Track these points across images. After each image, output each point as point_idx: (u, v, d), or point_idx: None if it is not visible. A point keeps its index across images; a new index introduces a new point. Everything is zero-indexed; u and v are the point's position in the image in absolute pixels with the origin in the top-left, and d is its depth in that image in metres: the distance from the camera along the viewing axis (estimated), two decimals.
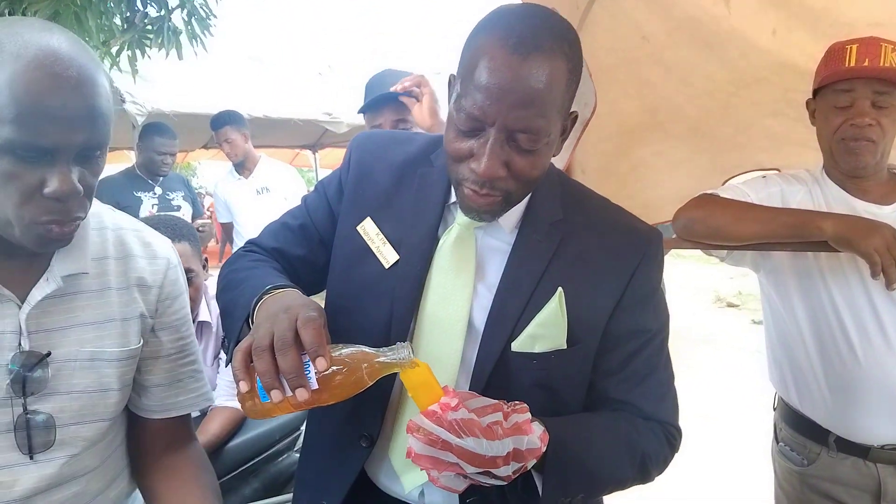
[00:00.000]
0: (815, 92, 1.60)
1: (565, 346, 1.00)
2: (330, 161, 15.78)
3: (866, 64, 1.47)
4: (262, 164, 4.01)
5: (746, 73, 1.88)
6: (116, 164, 10.29)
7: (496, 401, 0.89)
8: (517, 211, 1.04)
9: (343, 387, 0.85)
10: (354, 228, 1.11)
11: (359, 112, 2.06)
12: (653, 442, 1.05)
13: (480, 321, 1.02)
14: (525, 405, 0.91)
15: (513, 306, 1.01)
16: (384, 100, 1.97)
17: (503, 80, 0.86)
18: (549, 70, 0.87)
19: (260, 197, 3.96)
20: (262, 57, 9.08)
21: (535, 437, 0.87)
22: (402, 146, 1.16)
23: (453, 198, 1.05)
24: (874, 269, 1.38)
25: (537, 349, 1.00)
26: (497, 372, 1.00)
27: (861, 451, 1.55)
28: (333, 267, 1.14)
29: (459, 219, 1.05)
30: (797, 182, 1.63)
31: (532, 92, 0.86)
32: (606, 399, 1.07)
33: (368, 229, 1.09)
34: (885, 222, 1.43)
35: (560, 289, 0.99)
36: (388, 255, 1.07)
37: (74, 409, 1.02)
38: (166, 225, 1.82)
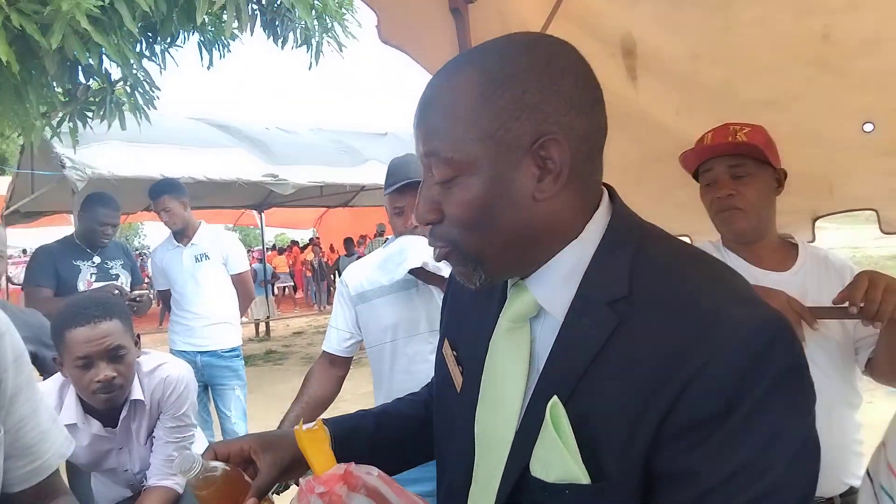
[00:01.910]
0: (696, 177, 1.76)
1: (585, 482, 0.70)
2: (276, 220, 15.72)
3: (715, 142, 1.65)
4: (201, 230, 4.01)
5: (655, 149, 2.04)
6: (56, 226, 10.09)
7: None
8: (568, 288, 0.78)
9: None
10: (441, 352, 0.99)
11: (385, 194, 2.08)
12: None
13: None
14: None
15: (541, 413, 0.74)
16: (412, 185, 1.98)
17: (416, 111, 0.79)
18: (447, 89, 0.76)
19: (199, 264, 3.95)
20: (207, 117, 9.11)
21: None
22: None
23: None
24: None
25: (551, 478, 0.73)
26: (514, 498, 0.78)
27: None
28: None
29: (504, 311, 0.86)
30: None
31: (425, 115, 0.77)
32: None
33: (446, 352, 0.97)
34: (779, 289, 1.55)
35: (554, 399, 0.72)
36: (456, 377, 0.92)
37: None
38: (96, 304, 1.84)
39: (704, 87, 1.98)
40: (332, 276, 16.45)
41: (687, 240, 2.19)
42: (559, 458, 0.71)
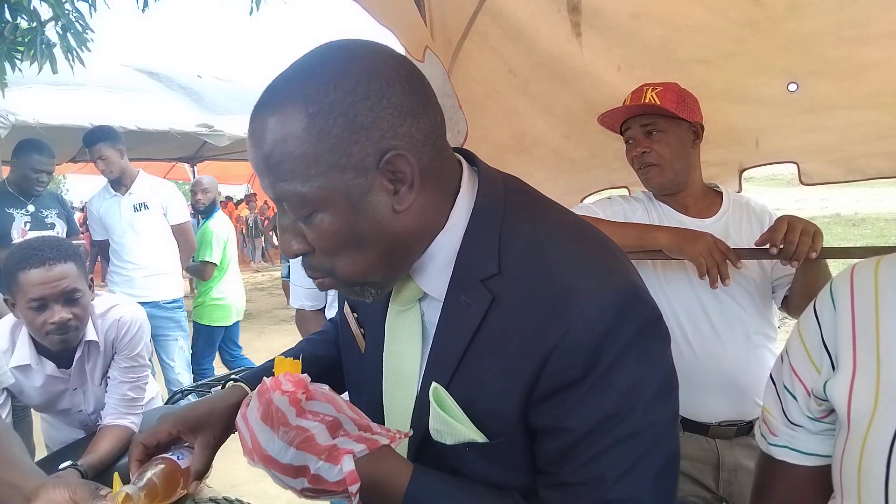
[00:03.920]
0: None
1: (482, 440, 0.80)
2: (209, 174, 15.19)
3: (629, 103, 1.77)
4: (139, 180, 3.93)
5: (597, 103, 2.12)
6: None
7: (352, 416, 0.81)
8: (445, 273, 0.83)
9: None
10: (343, 312, 1.03)
11: None
12: None
13: None
14: (393, 436, 0.81)
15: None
16: None
17: (248, 145, 0.78)
18: (274, 126, 0.74)
19: (138, 214, 3.88)
20: (137, 64, 8.73)
21: (337, 469, 0.75)
22: None
23: None
24: (700, 270, 1.61)
25: (450, 442, 0.82)
26: (422, 456, 0.87)
27: (702, 429, 1.76)
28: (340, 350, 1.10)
29: (393, 297, 0.91)
30: (636, 202, 1.88)
31: (260, 155, 0.75)
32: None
33: (347, 313, 1.01)
34: (707, 231, 1.69)
35: (434, 385, 0.81)
36: (359, 339, 0.98)
37: None
38: (51, 246, 1.83)
39: (644, 45, 2.07)
40: (271, 233, 16.20)
41: (626, 191, 2.33)
42: (451, 429, 0.80)
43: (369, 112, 0.72)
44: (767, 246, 1.60)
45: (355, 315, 1.00)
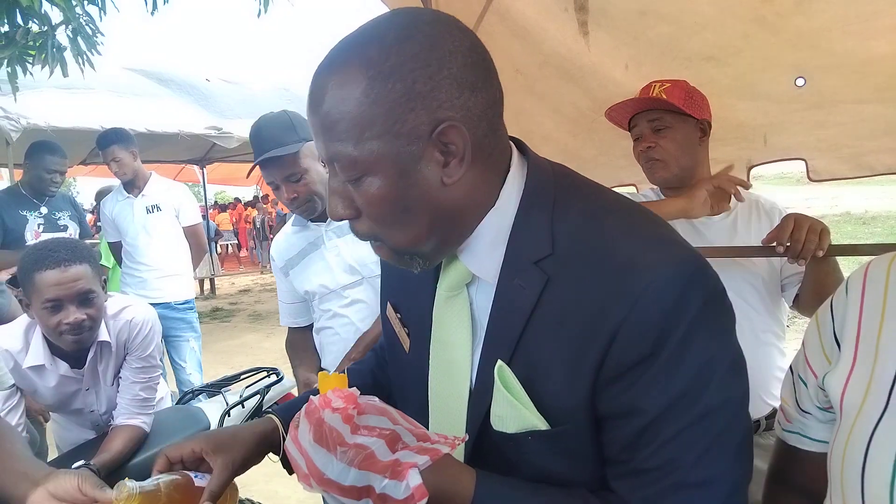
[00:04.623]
0: None
1: (544, 427, 0.78)
2: (218, 177, 15.29)
3: (637, 97, 1.78)
4: (152, 181, 3.96)
5: (605, 102, 2.11)
6: None
7: (408, 427, 0.77)
8: (495, 254, 0.82)
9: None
10: (386, 315, 1.03)
11: (254, 164, 1.89)
12: None
13: None
14: (452, 443, 0.76)
15: (491, 375, 0.80)
16: (271, 159, 1.82)
17: (307, 106, 0.78)
18: (334, 86, 0.74)
19: (150, 216, 3.91)
20: (146, 68, 8.78)
21: (404, 486, 0.70)
22: None
23: None
24: (715, 194, 1.68)
25: (512, 430, 0.80)
26: (480, 449, 0.85)
27: None
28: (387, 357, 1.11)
29: (441, 281, 0.90)
30: (643, 199, 1.89)
31: (317, 115, 0.75)
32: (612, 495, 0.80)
33: (391, 315, 1.01)
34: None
35: (500, 363, 0.79)
36: (403, 338, 0.98)
37: None
38: (66, 247, 1.84)
39: (651, 43, 2.07)
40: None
41: (633, 189, 2.34)
42: (515, 413, 0.78)
43: (428, 80, 0.72)
44: (775, 244, 1.60)
45: (398, 315, 1.00)
